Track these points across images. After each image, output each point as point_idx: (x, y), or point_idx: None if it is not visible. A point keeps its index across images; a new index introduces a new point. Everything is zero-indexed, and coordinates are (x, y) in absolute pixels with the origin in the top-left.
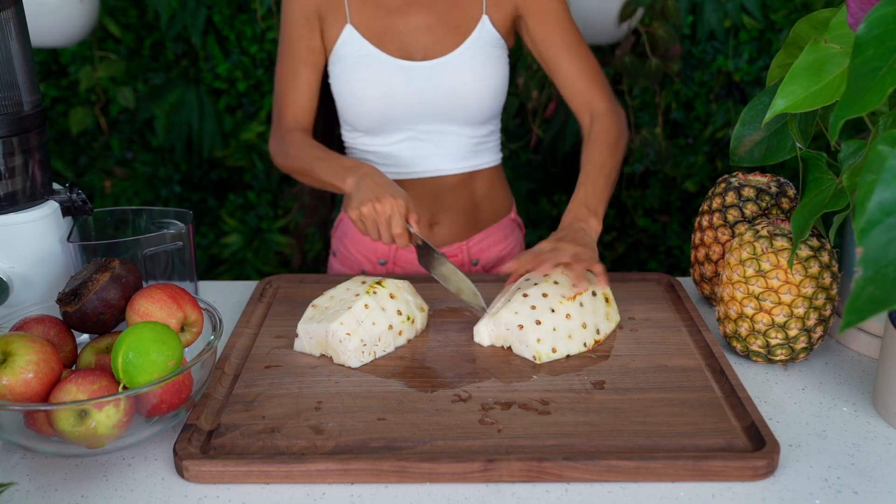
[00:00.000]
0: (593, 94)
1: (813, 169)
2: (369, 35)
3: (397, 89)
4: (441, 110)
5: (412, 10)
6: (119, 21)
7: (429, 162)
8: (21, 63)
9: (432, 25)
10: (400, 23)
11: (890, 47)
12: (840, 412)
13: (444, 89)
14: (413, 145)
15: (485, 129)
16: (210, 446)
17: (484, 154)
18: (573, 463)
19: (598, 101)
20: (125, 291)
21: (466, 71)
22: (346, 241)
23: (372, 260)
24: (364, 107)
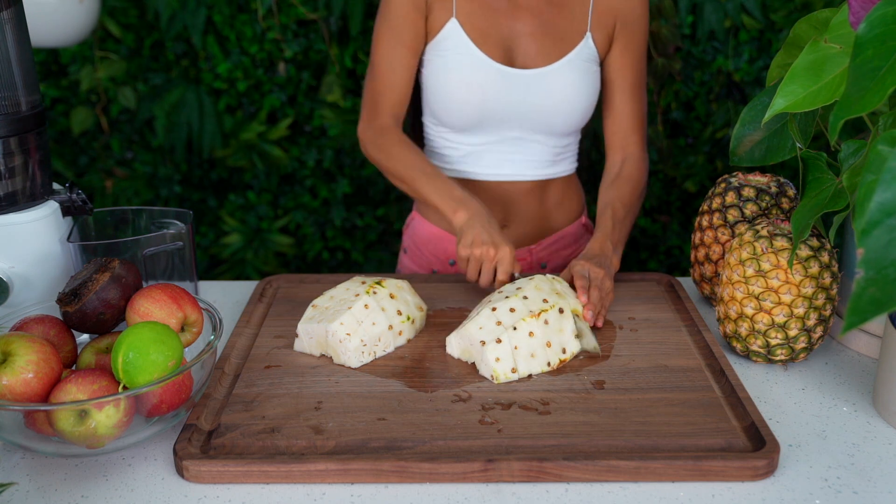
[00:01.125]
0: (634, 137)
1: (813, 169)
2: (473, 33)
3: (493, 94)
4: (531, 119)
5: (519, 15)
6: (119, 21)
7: (508, 167)
8: (21, 63)
9: (536, 34)
10: (505, 26)
11: (890, 47)
12: (840, 412)
13: (540, 100)
14: (496, 149)
15: (567, 139)
16: (210, 446)
17: (561, 163)
18: (573, 463)
19: (635, 145)
20: (125, 291)
21: (565, 84)
22: (416, 240)
23: (442, 259)
24: (457, 106)
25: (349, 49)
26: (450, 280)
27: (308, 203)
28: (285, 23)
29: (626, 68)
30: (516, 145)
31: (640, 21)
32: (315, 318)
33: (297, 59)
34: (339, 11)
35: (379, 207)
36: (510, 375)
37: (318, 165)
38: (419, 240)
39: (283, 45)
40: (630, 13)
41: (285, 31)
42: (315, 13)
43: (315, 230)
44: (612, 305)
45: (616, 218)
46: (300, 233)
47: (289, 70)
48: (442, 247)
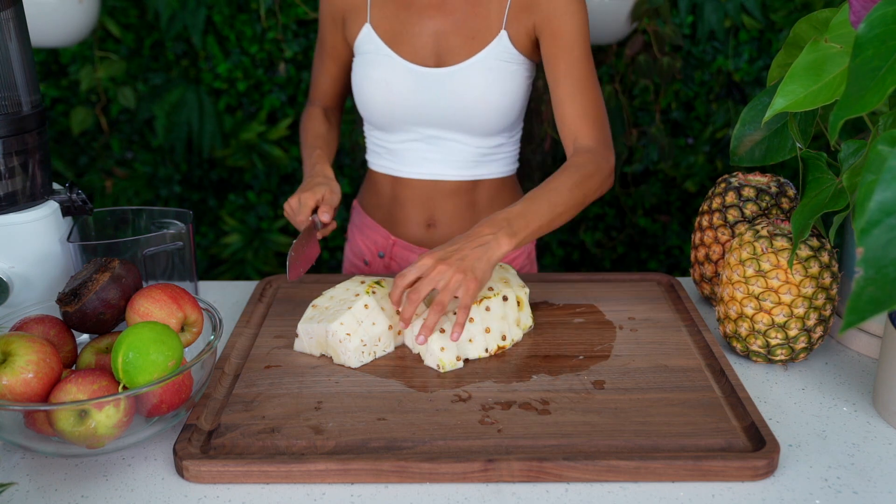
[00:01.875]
0: (582, 127)
1: (813, 169)
2: (385, 36)
3: (403, 93)
4: (445, 118)
5: (431, 14)
6: (119, 21)
7: (430, 165)
8: (21, 63)
9: (448, 32)
10: (417, 26)
11: (890, 47)
12: (840, 412)
13: (451, 98)
14: (417, 147)
15: (494, 140)
16: (210, 446)
17: (489, 165)
18: (573, 463)
19: (585, 136)
20: (125, 291)
21: (476, 82)
22: (353, 229)
23: (373, 251)
24: (370, 103)
25: None
26: None
27: None
28: (285, 23)
29: (557, 57)
30: (436, 144)
31: (566, 9)
32: (315, 319)
33: (297, 59)
34: None
35: None
36: (456, 364)
37: None
38: (355, 229)
39: (283, 45)
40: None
41: (285, 31)
42: (315, 13)
43: None
44: (613, 305)
45: (532, 197)
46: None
47: (289, 70)
48: (372, 238)
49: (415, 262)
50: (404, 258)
